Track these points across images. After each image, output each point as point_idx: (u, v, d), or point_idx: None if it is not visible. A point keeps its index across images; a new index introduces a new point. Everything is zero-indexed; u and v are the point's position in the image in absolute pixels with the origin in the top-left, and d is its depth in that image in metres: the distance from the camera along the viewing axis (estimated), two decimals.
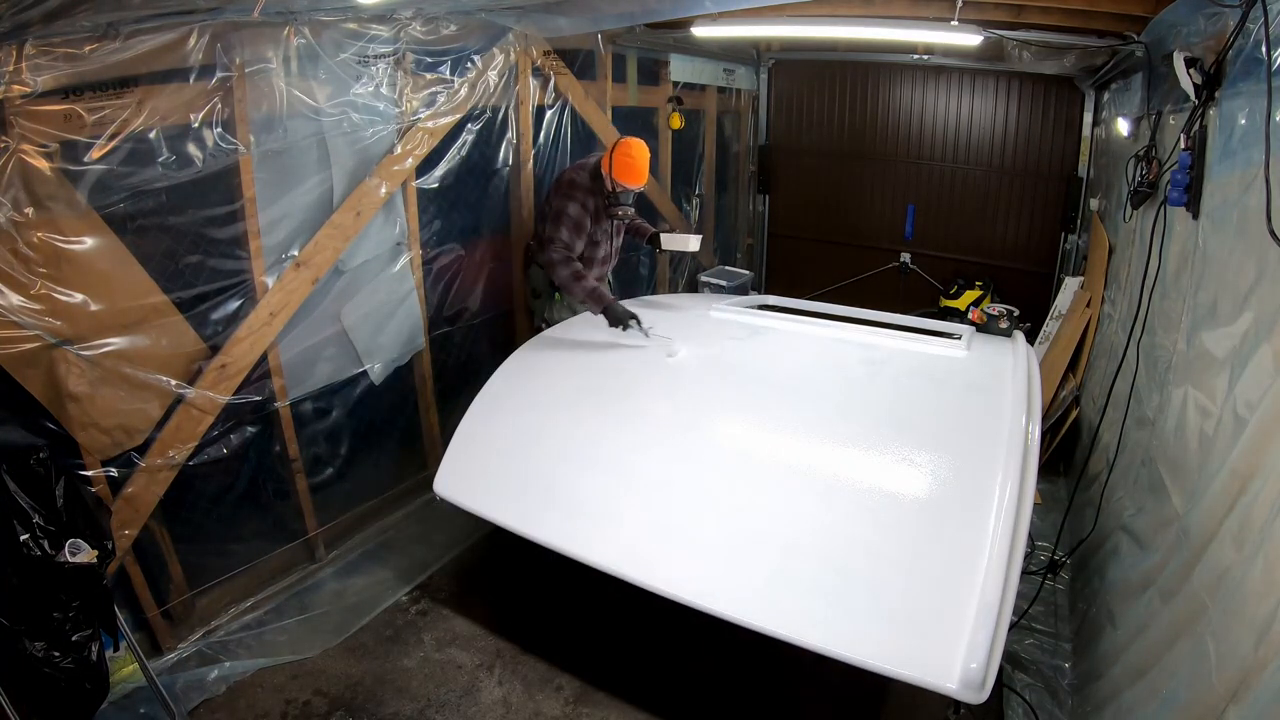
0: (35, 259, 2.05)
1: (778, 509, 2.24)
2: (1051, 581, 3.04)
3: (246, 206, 2.57)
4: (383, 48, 2.90)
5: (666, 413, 2.69)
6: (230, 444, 2.72)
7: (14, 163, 1.97)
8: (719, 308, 3.54)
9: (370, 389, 3.27)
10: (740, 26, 4.02)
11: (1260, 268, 1.76)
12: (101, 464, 2.31)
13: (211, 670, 2.53)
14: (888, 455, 2.33)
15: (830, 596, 1.97)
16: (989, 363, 2.89)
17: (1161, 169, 2.90)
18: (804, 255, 6.34)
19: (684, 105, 4.98)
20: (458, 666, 2.64)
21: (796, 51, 5.79)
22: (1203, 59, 2.29)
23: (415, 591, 3.04)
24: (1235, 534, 1.63)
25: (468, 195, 3.56)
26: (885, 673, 1.81)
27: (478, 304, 3.77)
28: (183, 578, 2.65)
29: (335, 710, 2.44)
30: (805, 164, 6.11)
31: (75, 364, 2.18)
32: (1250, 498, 1.59)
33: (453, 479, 2.65)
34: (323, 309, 2.98)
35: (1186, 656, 1.68)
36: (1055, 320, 4.59)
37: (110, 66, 2.11)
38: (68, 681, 1.89)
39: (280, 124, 2.62)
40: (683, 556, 2.18)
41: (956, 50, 4.83)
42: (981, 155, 5.46)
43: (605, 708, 2.47)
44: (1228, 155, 2.13)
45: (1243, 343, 1.81)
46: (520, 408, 2.82)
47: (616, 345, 3.17)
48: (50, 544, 1.87)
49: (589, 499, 2.41)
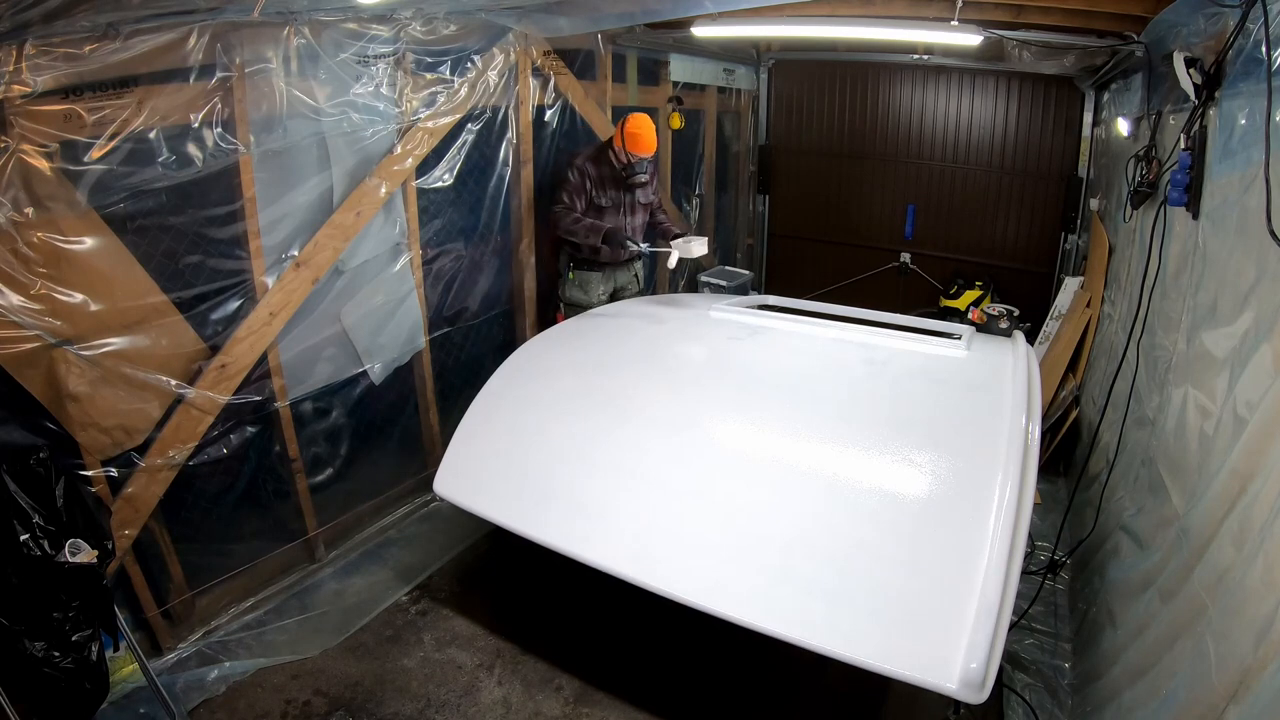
0: (35, 259, 2.05)
1: (777, 509, 2.24)
2: (1051, 581, 3.04)
3: (246, 206, 2.57)
4: (383, 48, 2.90)
5: (666, 412, 2.69)
6: (230, 444, 2.72)
7: (14, 163, 1.97)
8: (719, 308, 3.54)
9: (370, 389, 3.27)
10: (740, 26, 4.02)
11: (1260, 268, 1.76)
12: (101, 464, 2.31)
13: (211, 670, 2.53)
14: (887, 455, 2.33)
15: (830, 596, 1.97)
16: (989, 363, 2.89)
17: (1161, 169, 2.91)
18: (804, 255, 6.34)
19: (684, 105, 4.98)
20: (458, 666, 2.64)
21: (796, 51, 5.79)
22: (1203, 59, 2.29)
23: (415, 591, 3.04)
24: (1235, 534, 1.63)
25: (468, 195, 3.56)
26: (885, 673, 1.81)
27: (478, 304, 3.77)
28: (183, 578, 2.65)
29: (335, 710, 2.44)
30: (805, 164, 6.11)
31: (75, 364, 2.17)
32: (1250, 498, 1.59)
33: (453, 479, 2.65)
34: (323, 309, 2.98)
35: (1186, 656, 1.67)
36: (1055, 320, 4.59)
37: (110, 66, 2.11)
38: (68, 681, 1.89)
39: (280, 124, 2.62)
40: (682, 556, 2.18)
41: (956, 50, 4.83)
42: (981, 155, 5.46)
43: (605, 708, 2.47)
44: (1228, 155, 2.13)
45: (1243, 343, 1.81)
46: (520, 407, 2.82)
47: (616, 346, 3.16)
48: (50, 544, 1.87)
49: (589, 499, 2.41)
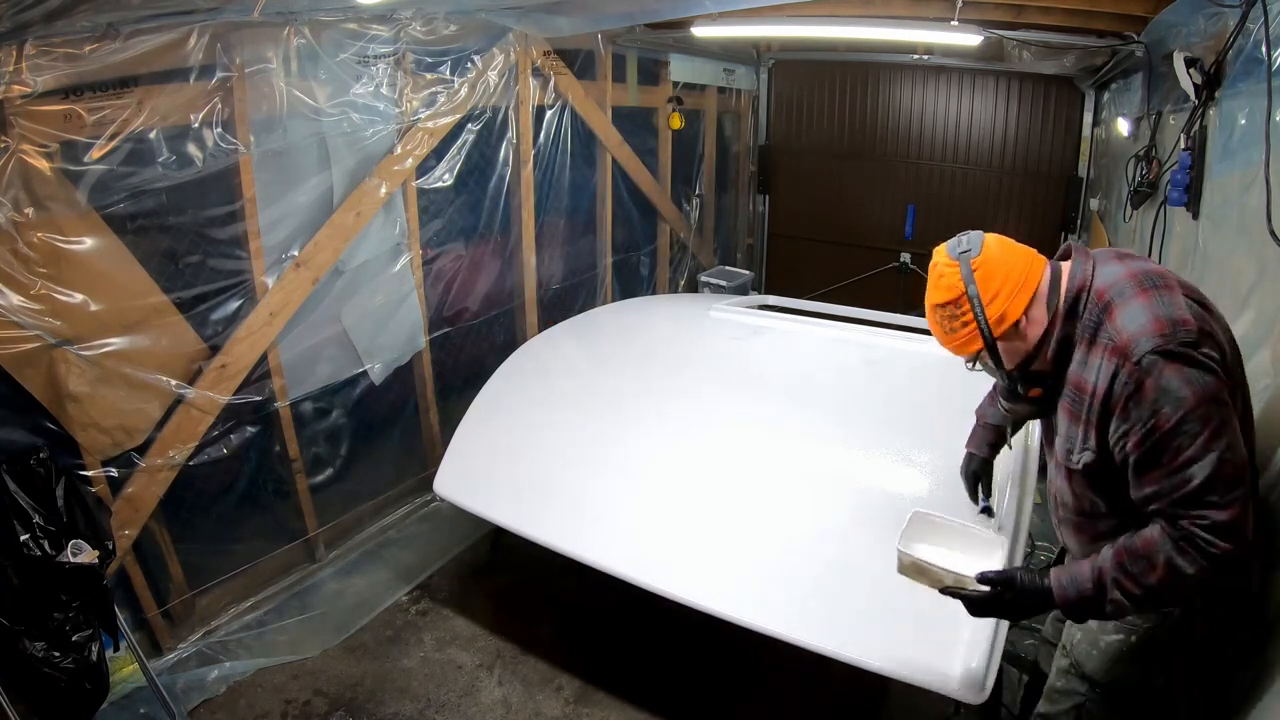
0: (35, 259, 2.05)
1: (777, 509, 2.24)
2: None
3: (246, 206, 2.57)
4: (383, 48, 2.90)
5: (666, 412, 2.69)
6: (230, 444, 2.71)
7: (14, 163, 1.97)
8: (719, 308, 3.54)
9: (370, 389, 3.26)
10: (740, 26, 4.02)
11: (1260, 268, 1.76)
12: (101, 464, 2.31)
13: (211, 670, 2.53)
14: (887, 455, 2.33)
15: (829, 596, 1.97)
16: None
17: (1161, 169, 2.91)
18: (804, 255, 6.34)
19: (684, 105, 4.98)
20: (458, 666, 2.64)
21: (796, 51, 5.79)
22: (1203, 59, 2.29)
23: (415, 591, 3.04)
24: None
25: (468, 195, 3.55)
26: (885, 673, 1.81)
27: (478, 304, 3.77)
28: (183, 578, 2.65)
29: (335, 710, 2.44)
30: (805, 164, 6.10)
31: (75, 364, 2.17)
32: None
33: (453, 479, 2.66)
34: (323, 309, 2.97)
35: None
36: None
37: (110, 66, 2.11)
38: (68, 681, 1.89)
39: (280, 124, 2.62)
40: (682, 556, 2.18)
41: (956, 50, 4.83)
42: (981, 155, 5.45)
43: (605, 708, 2.47)
44: (1228, 155, 2.13)
45: (1243, 343, 1.81)
46: (520, 408, 2.83)
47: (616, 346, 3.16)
48: (50, 544, 1.87)
49: (589, 498, 2.41)
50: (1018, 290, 1.34)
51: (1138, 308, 1.24)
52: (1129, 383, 1.22)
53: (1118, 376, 1.24)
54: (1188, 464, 1.18)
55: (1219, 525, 1.16)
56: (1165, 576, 1.21)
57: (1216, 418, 1.17)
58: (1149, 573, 1.22)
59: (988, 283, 1.34)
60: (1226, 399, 1.20)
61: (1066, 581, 1.31)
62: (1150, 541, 1.23)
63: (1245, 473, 1.19)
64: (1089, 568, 1.30)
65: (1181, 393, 1.17)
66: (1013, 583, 1.35)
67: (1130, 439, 1.24)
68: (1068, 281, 1.35)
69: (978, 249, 1.37)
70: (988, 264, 1.35)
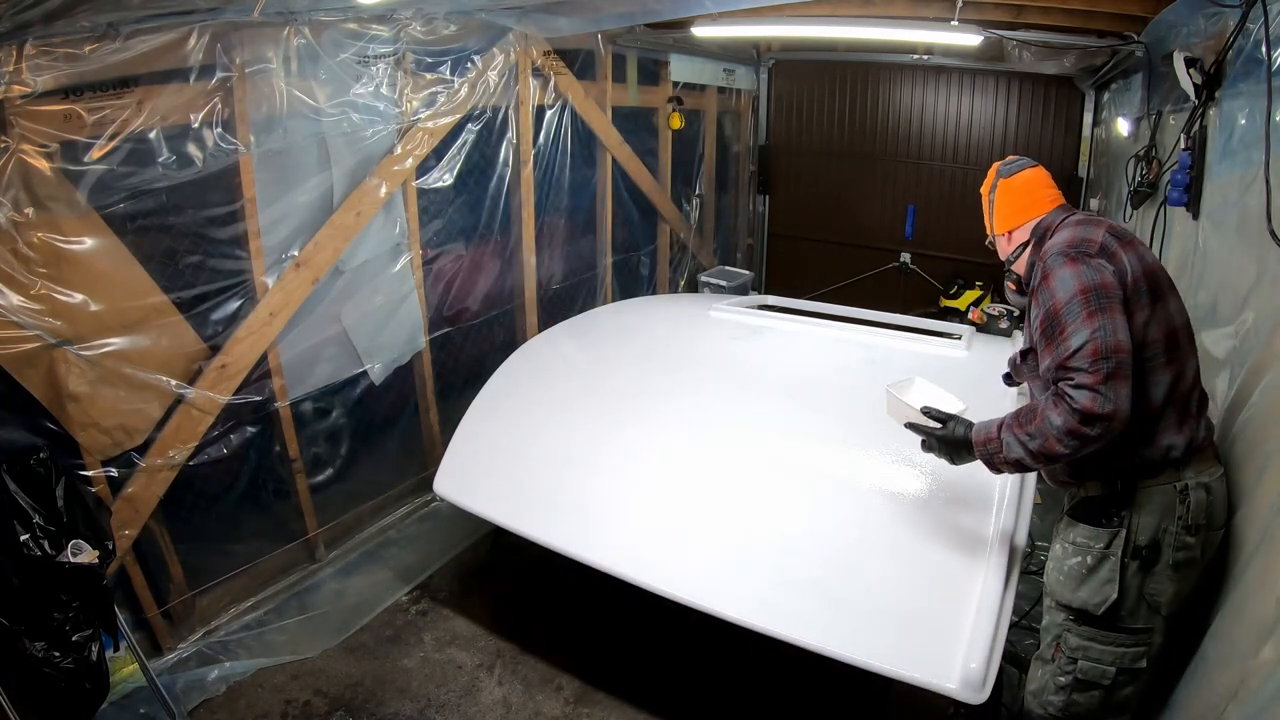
0: (35, 259, 2.05)
1: (777, 509, 2.24)
2: None
3: (246, 206, 2.57)
4: (383, 48, 2.90)
5: (666, 412, 2.69)
6: (230, 444, 2.71)
7: (14, 163, 1.97)
8: (719, 308, 3.53)
9: (370, 389, 3.26)
10: (740, 26, 4.02)
11: (1260, 268, 1.76)
12: (101, 464, 2.31)
13: (211, 670, 2.53)
14: (887, 455, 2.32)
15: (830, 596, 1.97)
16: (989, 363, 2.89)
17: (1161, 169, 2.91)
18: (804, 255, 6.34)
19: (684, 105, 4.98)
20: (458, 666, 2.64)
21: (796, 51, 5.79)
22: (1203, 59, 2.29)
23: (415, 591, 3.04)
24: (1235, 532, 1.63)
25: (468, 195, 3.55)
26: (885, 673, 1.81)
27: (478, 304, 3.77)
28: (183, 578, 2.65)
29: (335, 710, 2.44)
30: (805, 164, 6.11)
31: (75, 364, 2.17)
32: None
33: (453, 479, 2.65)
34: (323, 309, 2.97)
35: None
36: None
37: (110, 66, 2.11)
38: (68, 681, 1.89)
39: (280, 124, 2.62)
40: (682, 556, 2.18)
41: (956, 50, 4.83)
42: (981, 155, 5.45)
43: (605, 708, 2.47)
44: (1227, 155, 2.14)
45: (1243, 343, 1.81)
46: (520, 408, 2.83)
47: (616, 346, 3.16)
48: (50, 544, 1.87)
49: (589, 498, 2.41)
50: (1011, 215, 1.90)
51: (1064, 234, 1.70)
52: (1038, 274, 1.67)
53: (1034, 270, 1.74)
54: (1069, 337, 1.53)
55: (1083, 386, 1.48)
56: (1040, 423, 1.55)
57: (1095, 304, 1.53)
58: (1031, 421, 1.58)
59: (1002, 197, 1.93)
60: (1111, 295, 1.54)
61: (980, 428, 1.72)
62: (1038, 401, 1.61)
63: (1119, 355, 1.48)
64: (998, 420, 1.68)
65: (1069, 282, 1.57)
66: (947, 421, 1.78)
67: (1037, 321, 1.64)
68: (1045, 222, 1.82)
69: (1011, 173, 1.92)
70: (1009, 188, 1.91)
